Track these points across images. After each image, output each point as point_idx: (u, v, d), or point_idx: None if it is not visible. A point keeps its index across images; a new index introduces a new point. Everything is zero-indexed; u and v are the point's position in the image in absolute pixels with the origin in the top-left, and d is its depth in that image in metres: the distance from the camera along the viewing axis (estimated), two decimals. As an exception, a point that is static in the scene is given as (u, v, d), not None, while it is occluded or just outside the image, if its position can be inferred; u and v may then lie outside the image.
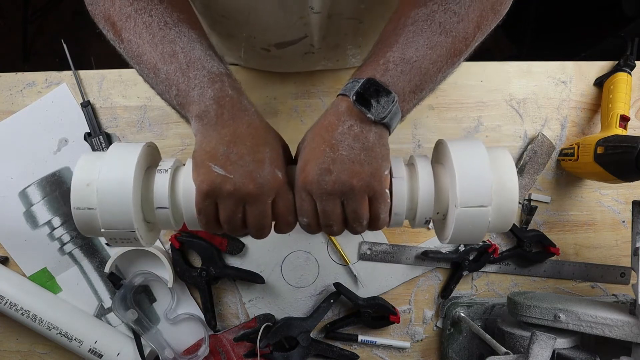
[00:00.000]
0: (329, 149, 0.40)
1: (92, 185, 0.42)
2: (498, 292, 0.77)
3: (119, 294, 0.71)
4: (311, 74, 0.75)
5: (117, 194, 0.41)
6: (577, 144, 0.72)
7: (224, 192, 0.39)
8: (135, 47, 0.44)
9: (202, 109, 0.41)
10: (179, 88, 0.42)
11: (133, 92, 0.75)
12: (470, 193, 0.41)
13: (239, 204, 0.40)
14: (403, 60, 0.42)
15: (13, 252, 0.74)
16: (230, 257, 0.75)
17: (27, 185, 0.74)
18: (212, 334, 0.74)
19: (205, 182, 0.39)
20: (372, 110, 0.40)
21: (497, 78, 0.77)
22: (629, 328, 0.57)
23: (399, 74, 0.42)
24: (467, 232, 0.43)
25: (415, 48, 0.42)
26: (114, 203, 0.41)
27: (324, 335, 0.76)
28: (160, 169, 0.45)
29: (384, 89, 0.41)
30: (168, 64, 0.42)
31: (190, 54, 0.43)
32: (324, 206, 0.41)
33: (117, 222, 0.42)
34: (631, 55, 0.75)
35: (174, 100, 0.43)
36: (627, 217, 0.78)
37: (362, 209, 0.41)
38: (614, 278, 0.77)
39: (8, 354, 0.75)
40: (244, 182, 0.39)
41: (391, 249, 0.76)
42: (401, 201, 0.43)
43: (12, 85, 0.74)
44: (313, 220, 0.42)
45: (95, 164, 0.43)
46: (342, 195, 0.40)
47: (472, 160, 0.43)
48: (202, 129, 0.41)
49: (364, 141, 0.40)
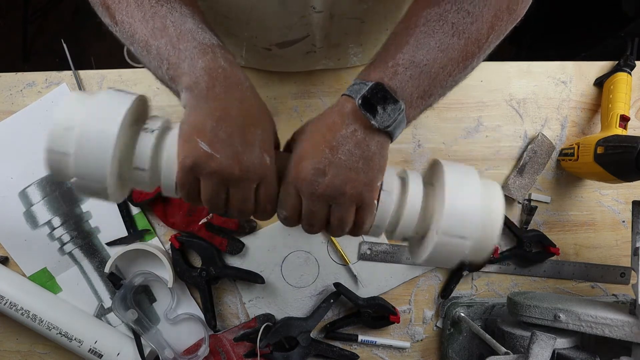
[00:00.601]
0: (328, 150, 0.39)
1: (73, 130, 0.39)
2: (498, 292, 0.77)
3: (119, 294, 0.71)
4: (311, 74, 0.75)
5: (97, 146, 0.38)
6: (577, 144, 0.72)
7: (207, 170, 0.38)
8: (127, 26, 0.42)
9: (192, 80, 0.39)
10: (169, 61, 0.40)
11: (133, 92, 0.75)
12: (454, 223, 0.41)
13: (222, 185, 0.39)
14: (412, 63, 0.40)
15: (13, 252, 0.74)
16: (230, 257, 0.75)
17: (27, 185, 0.74)
18: (212, 334, 0.74)
19: (189, 158, 0.38)
20: (377, 117, 0.39)
21: (497, 78, 0.77)
22: (629, 328, 0.57)
23: (408, 78, 0.40)
24: (442, 258, 0.43)
25: (426, 50, 0.41)
26: (92, 155, 0.38)
27: (324, 335, 0.76)
28: (147, 128, 0.41)
29: (391, 96, 0.39)
30: (159, 38, 0.41)
31: (181, 27, 0.41)
32: (311, 206, 0.40)
33: (91, 175, 0.39)
34: (631, 55, 0.75)
35: (166, 75, 0.41)
36: (627, 217, 0.78)
37: (348, 217, 0.40)
38: (614, 278, 0.77)
39: (8, 354, 0.75)
40: (230, 163, 0.37)
41: (391, 249, 0.76)
42: (385, 214, 0.42)
43: (12, 85, 0.74)
44: (293, 215, 0.41)
45: (81, 108, 0.40)
46: (331, 199, 0.39)
47: (464, 191, 0.42)
48: (192, 101, 0.39)
49: (364, 149, 0.39)
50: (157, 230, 0.75)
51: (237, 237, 0.75)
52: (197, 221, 0.73)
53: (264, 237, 0.75)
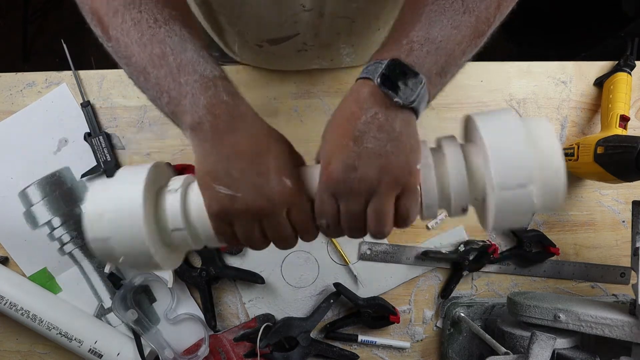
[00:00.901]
0: (353, 142, 0.36)
1: (104, 216, 0.40)
2: (498, 292, 0.77)
3: (119, 294, 0.71)
4: (311, 74, 0.75)
5: (128, 221, 0.39)
6: (577, 144, 0.72)
7: (235, 212, 0.37)
8: (123, 47, 0.40)
9: (195, 120, 0.38)
10: (170, 95, 0.39)
11: (133, 92, 0.75)
12: (507, 173, 0.36)
13: (253, 220, 0.38)
14: (428, 40, 0.38)
15: (13, 252, 0.74)
16: (230, 257, 0.75)
17: (27, 185, 0.74)
18: (212, 334, 0.74)
19: (214, 205, 0.38)
20: (400, 93, 0.36)
21: (497, 78, 0.77)
22: (629, 328, 0.57)
23: (425, 54, 0.38)
24: (511, 216, 0.38)
25: (440, 27, 0.38)
26: (127, 231, 0.39)
27: (324, 335, 0.76)
28: (170, 189, 0.42)
29: (411, 70, 0.37)
30: (158, 67, 0.39)
31: (181, 56, 0.39)
32: (349, 207, 0.37)
33: (134, 250, 0.40)
34: (631, 55, 0.75)
35: (166, 108, 0.40)
36: (627, 217, 0.78)
37: (386, 208, 0.37)
38: (614, 278, 0.77)
39: (8, 354, 0.75)
40: (253, 198, 0.37)
41: (391, 249, 0.76)
42: (431, 192, 0.39)
43: (12, 85, 0.74)
44: (333, 222, 0.39)
45: (104, 192, 0.41)
46: (368, 193, 0.37)
47: (505, 135, 0.37)
48: (199, 145, 0.38)
49: (389, 131, 0.36)
50: (157, 230, 0.75)
51: (237, 237, 0.75)
52: (197, 221, 0.73)
53: (264, 237, 0.75)
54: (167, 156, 0.75)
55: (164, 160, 0.74)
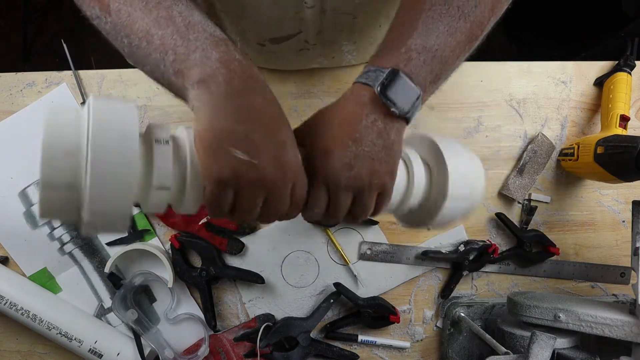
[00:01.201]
0: (352, 142, 0.38)
1: (78, 154, 0.30)
2: (498, 292, 0.77)
3: (119, 294, 0.71)
4: (311, 74, 0.75)
5: (117, 169, 0.30)
6: (577, 144, 0.72)
7: (248, 180, 0.34)
8: (125, 16, 0.37)
9: (206, 72, 0.34)
10: (176, 52, 0.35)
11: (133, 92, 0.75)
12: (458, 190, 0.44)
13: (261, 193, 0.36)
14: (425, 48, 0.40)
15: (13, 252, 0.74)
16: (230, 257, 0.75)
17: (27, 185, 0.74)
18: (212, 334, 0.74)
19: (226, 171, 0.33)
20: (398, 104, 0.39)
21: (497, 78, 0.77)
22: (629, 328, 0.57)
23: (422, 64, 0.40)
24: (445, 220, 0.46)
25: (436, 35, 0.40)
26: (111, 181, 0.30)
27: (324, 335, 0.76)
28: (158, 139, 0.35)
29: (409, 84, 0.39)
30: (164, 27, 0.36)
31: (189, 18, 0.37)
32: (338, 199, 0.40)
33: (110, 206, 0.31)
34: (631, 55, 0.75)
35: (170, 69, 0.36)
36: (627, 217, 0.78)
37: (370, 204, 0.41)
38: (614, 278, 0.77)
39: (8, 354, 0.75)
40: (271, 168, 0.34)
41: (391, 249, 0.76)
42: (396, 195, 0.44)
43: (12, 85, 0.74)
44: (322, 210, 0.40)
45: (79, 123, 0.31)
46: (357, 190, 0.39)
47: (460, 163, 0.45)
48: (209, 99, 0.34)
49: (385, 138, 0.39)
50: (157, 230, 0.75)
51: (237, 237, 0.75)
52: (197, 221, 0.73)
53: (264, 237, 0.75)
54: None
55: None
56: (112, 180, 0.30)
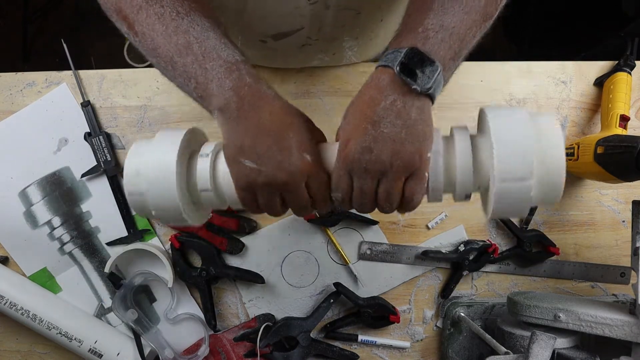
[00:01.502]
0: (371, 126, 0.40)
1: (141, 173, 0.45)
2: (498, 292, 0.77)
3: (119, 293, 0.71)
4: (311, 74, 0.75)
5: (162, 181, 0.44)
6: (577, 144, 0.72)
7: (258, 184, 0.41)
8: (149, 40, 0.44)
9: (222, 102, 0.42)
10: (197, 80, 0.42)
11: (133, 92, 0.75)
12: (508, 166, 0.39)
13: (274, 192, 0.42)
14: (442, 27, 0.41)
15: (13, 252, 0.74)
16: (230, 257, 0.75)
17: (27, 185, 0.74)
18: (212, 334, 0.74)
19: (241, 178, 0.42)
20: (418, 80, 0.39)
21: (497, 78, 0.77)
22: (629, 328, 0.57)
23: (439, 41, 0.41)
24: (509, 206, 0.41)
25: (452, 14, 0.41)
26: (161, 189, 0.44)
27: (324, 335, 0.76)
28: (202, 154, 0.46)
29: (428, 58, 0.40)
30: (184, 56, 0.42)
31: (205, 44, 0.42)
32: (361, 184, 0.41)
33: (165, 205, 0.44)
34: (631, 55, 0.75)
35: (194, 93, 0.44)
36: (627, 217, 0.78)
37: (395, 189, 0.41)
38: (614, 278, 0.77)
39: (8, 353, 0.75)
40: (275, 172, 0.40)
41: (391, 249, 0.76)
42: (438, 177, 0.42)
43: (12, 85, 0.74)
44: (347, 196, 0.43)
45: (143, 152, 0.46)
46: (379, 174, 0.40)
47: (512, 129, 0.40)
48: (226, 123, 0.42)
49: (406, 118, 0.40)
50: (157, 230, 0.75)
51: (237, 237, 0.75)
52: (197, 221, 0.73)
53: (264, 237, 0.75)
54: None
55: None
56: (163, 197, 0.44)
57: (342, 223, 0.75)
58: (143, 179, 0.45)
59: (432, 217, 0.76)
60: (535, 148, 0.40)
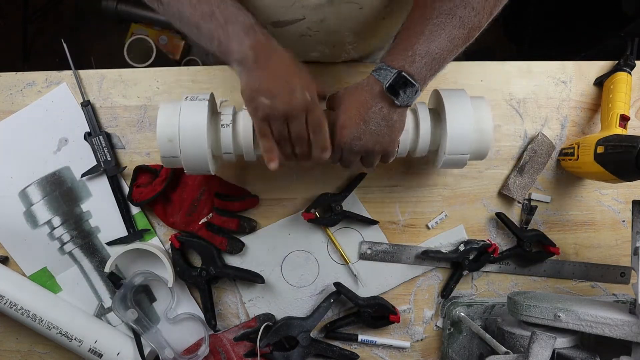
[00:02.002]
0: (362, 123, 0.55)
1: (174, 141, 0.58)
2: (498, 292, 0.77)
3: (119, 293, 0.71)
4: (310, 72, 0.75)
5: (195, 148, 0.58)
6: (577, 144, 0.72)
7: (272, 115, 0.53)
8: (175, 9, 0.54)
9: (241, 56, 0.52)
10: (219, 40, 0.52)
11: (133, 91, 0.75)
12: (455, 147, 0.61)
13: (284, 121, 0.53)
14: (428, 53, 0.53)
15: (13, 252, 0.74)
16: (230, 256, 0.75)
17: (27, 185, 0.74)
18: (212, 334, 0.74)
19: (259, 111, 0.53)
20: (399, 99, 0.54)
21: (497, 78, 0.77)
22: (629, 327, 0.57)
23: (423, 65, 0.53)
24: (451, 165, 0.64)
25: (438, 42, 0.53)
26: (193, 155, 0.59)
27: (324, 335, 0.76)
28: (223, 124, 0.61)
29: (410, 82, 0.53)
30: (208, 22, 0.52)
31: (225, 12, 0.52)
32: (350, 157, 0.59)
33: (196, 164, 0.60)
34: (631, 55, 0.75)
35: (217, 50, 0.54)
36: (627, 216, 0.78)
37: (375, 162, 0.60)
38: (614, 278, 0.77)
39: (8, 353, 0.75)
40: (285, 105, 0.52)
41: (391, 249, 0.76)
42: (404, 147, 0.63)
43: (12, 85, 0.74)
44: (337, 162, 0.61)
45: (173, 122, 0.58)
46: (364, 153, 0.58)
47: (460, 119, 0.60)
48: (245, 72, 0.53)
49: (388, 120, 0.55)
50: (157, 229, 0.75)
51: (237, 236, 0.75)
52: (197, 221, 0.73)
53: (264, 237, 0.75)
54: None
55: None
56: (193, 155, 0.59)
57: (342, 223, 0.75)
58: (176, 147, 0.58)
59: (432, 217, 0.77)
60: (475, 134, 0.61)
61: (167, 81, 0.75)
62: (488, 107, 0.63)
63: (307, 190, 0.75)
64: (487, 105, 0.63)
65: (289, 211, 0.76)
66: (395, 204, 0.76)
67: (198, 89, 0.75)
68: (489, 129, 0.62)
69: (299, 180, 0.75)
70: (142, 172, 0.74)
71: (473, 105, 0.61)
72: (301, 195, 0.76)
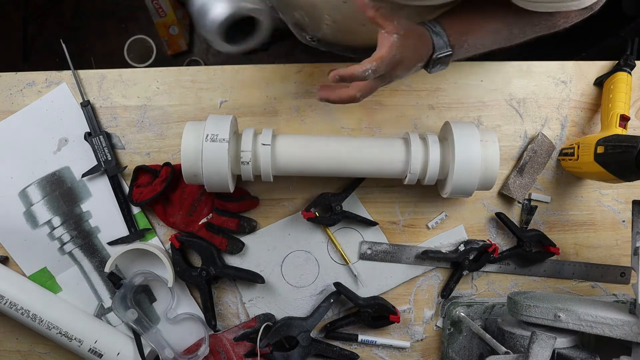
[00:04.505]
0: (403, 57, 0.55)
1: (198, 163, 0.63)
2: (498, 292, 0.77)
3: (119, 293, 0.71)
4: (311, 73, 0.75)
5: (220, 183, 0.64)
6: (577, 144, 0.72)
7: None
8: None
9: None
10: None
11: (133, 91, 0.75)
12: (462, 178, 0.64)
13: None
14: (474, 45, 0.59)
15: (13, 252, 0.74)
16: (230, 256, 0.75)
17: (27, 185, 0.74)
18: (212, 334, 0.74)
19: None
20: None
21: (497, 78, 0.77)
22: (629, 328, 0.57)
23: (465, 51, 0.59)
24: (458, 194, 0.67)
25: (486, 40, 0.59)
26: (215, 175, 0.63)
27: (324, 335, 0.76)
28: (244, 162, 0.65)
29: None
30: None
31: None
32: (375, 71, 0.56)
33: (217, 184, 0.65)
34: (631, 55, 0.75)
35: None
36: (627, 216, 0.78)
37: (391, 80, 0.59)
38: (614, 278, 0.77)
39: (8, 353, 0.75)
40: None
41: (391, 249, 0.76)
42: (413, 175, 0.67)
43: (12, 85, 0.74)
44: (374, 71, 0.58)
45: (197, 164, 0.63)
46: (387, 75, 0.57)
47: (469, 152, 0.64)
48: None
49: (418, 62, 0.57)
50: (157, 229, 0.75)
51: (237, 236, 0.75)
52: (197, 221, 0.73)
53: (264, 237, 0.75)
54: (166, 156, 0.75)
55: (163, 159, 0.74)
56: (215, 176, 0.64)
57: (342, 223, 0.75)
58: (199, 168, 0.63)
59: (432, 217, 0.77)
60: (481, 166, 0.64)
61: (167, 81, 0.75)
62: (496, 142, 0.65)
63: (307, 190, 0.75)
64: (495, 139, 0.66)
65: (288, 211, 0.76)
66: (395, 204, 0.76)
67: (198, 89, 0.75)
68: (495, 163, 0.65)
69: (299, 180, 0.75)
70: (142, 172, 0.74)
71: (482, 139, 0.65)
72: (301, 196, 0.76)
